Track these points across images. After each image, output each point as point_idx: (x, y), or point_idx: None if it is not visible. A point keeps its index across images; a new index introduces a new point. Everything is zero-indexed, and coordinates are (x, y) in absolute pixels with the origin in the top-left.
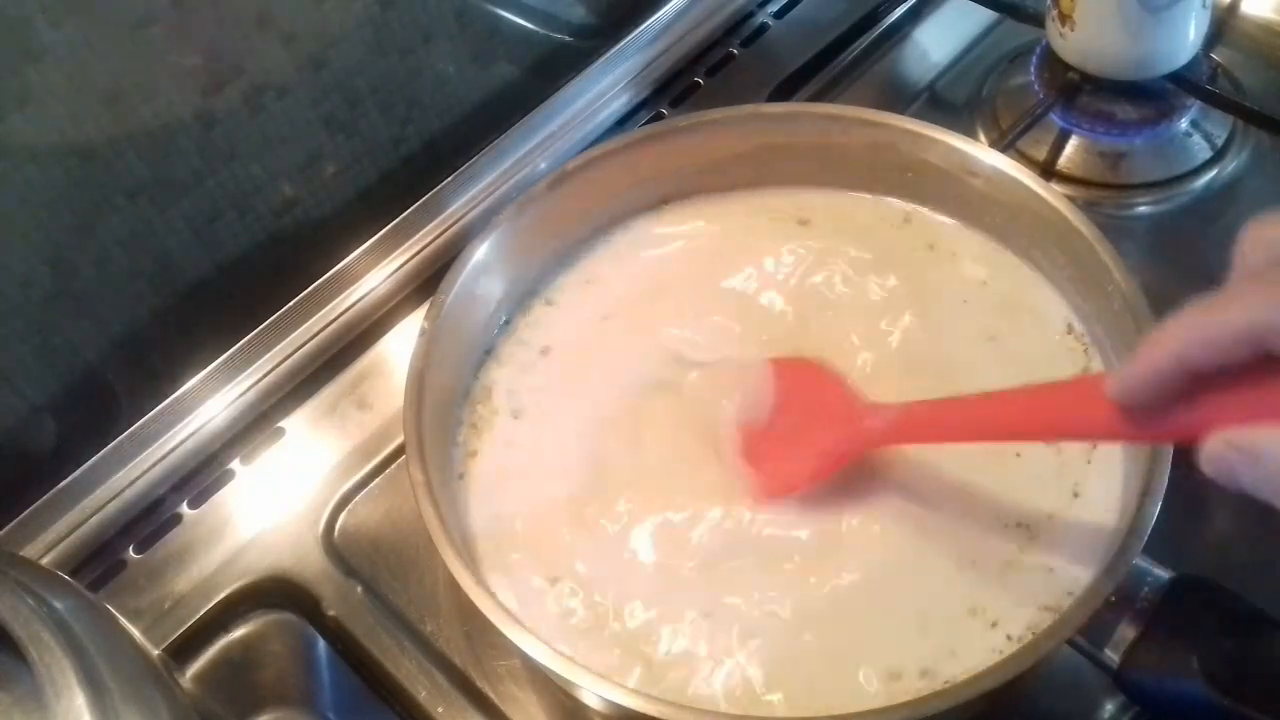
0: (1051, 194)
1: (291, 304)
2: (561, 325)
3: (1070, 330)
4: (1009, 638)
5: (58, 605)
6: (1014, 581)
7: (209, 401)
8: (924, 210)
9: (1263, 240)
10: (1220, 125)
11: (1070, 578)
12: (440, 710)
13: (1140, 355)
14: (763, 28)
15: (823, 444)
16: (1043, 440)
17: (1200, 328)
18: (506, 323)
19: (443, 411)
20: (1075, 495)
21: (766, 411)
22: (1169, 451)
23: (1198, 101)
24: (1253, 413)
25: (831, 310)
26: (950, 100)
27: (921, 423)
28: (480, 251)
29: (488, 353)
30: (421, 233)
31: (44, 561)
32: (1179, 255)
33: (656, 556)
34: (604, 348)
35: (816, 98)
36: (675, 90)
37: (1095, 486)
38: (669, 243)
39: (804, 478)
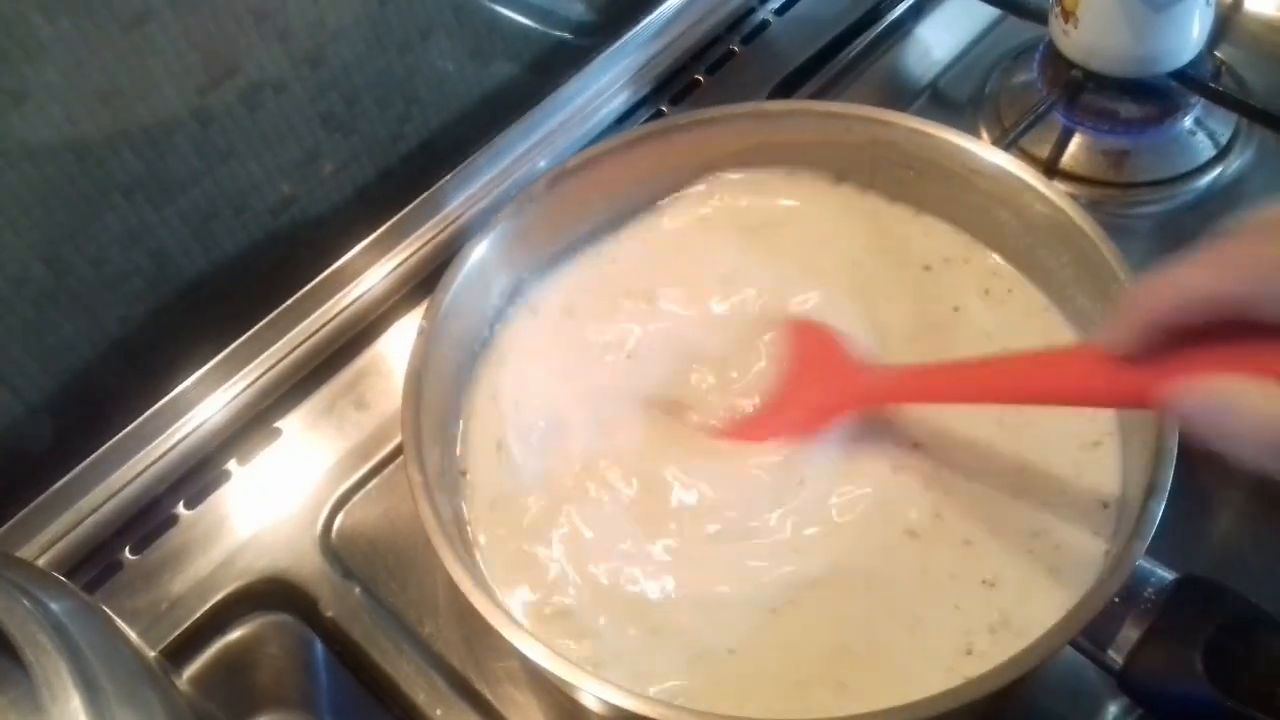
0: (1054, 192)
1: (289, 303)
2: (562, 324)
3: (1072, 330)
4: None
5: (54, 606)
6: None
7: (206, 401)
8: (925, 209)
9: (1253, 217)
10: (1224, 123)
11: (1074, 578)
12: (439, 712)
13: (1122, 312)
14: (763, 24)
15: (818, 399)
16: (1034, 403)
17: (1180, 285)
18: (505, 322)
19: (441, 411)
20: (1076, 494)
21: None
22: (1173, 451)
23: (1201, 99)
24: (1224, 366)
25: (831, 307)
26: (953, 98)
27: (916, 383)
28: (479, 250)
29: (487, 352)
30: (420, 231)
31: (40, 562)
32: (1182, 254)
33: (661, 554)
34: (604, 346)
35: (818, 95)
36: (675, 88)
37: (1097, 486)
38: (670, 239)
39: (797, 428)
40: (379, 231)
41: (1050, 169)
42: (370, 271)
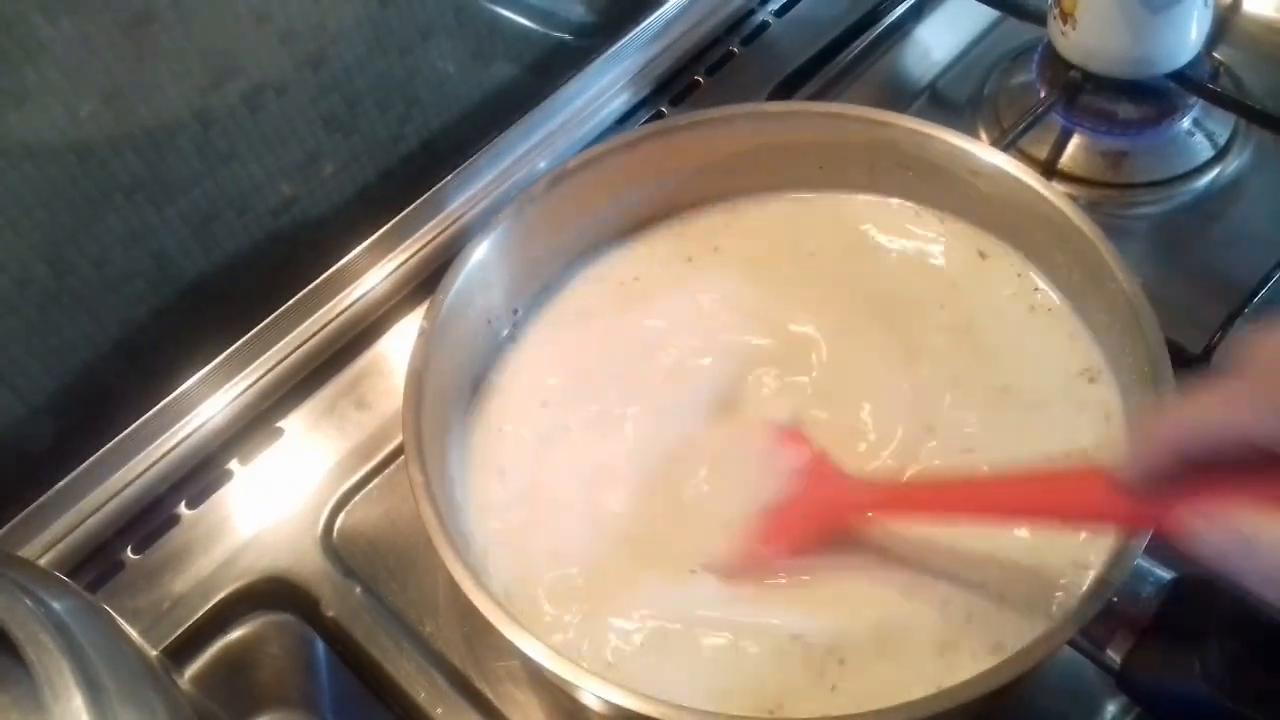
0: (1053, 193)
1: (290, 303)
2: (562, 324)
3: (1071, 330)
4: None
5: (56, 606)
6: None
7: (207, 401)
8: (926, 209)
9: (1269, 343)
10: (1222, 124)
11: (1072, 580)
12: (439, 711)
13: (1142, 438)
14: (763, 26)
15: (808, 518)
16: (1039, 524)
17: (1198, 418)
18: (506, 322)
19: (442, 411)
20: None
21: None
22: None
23: (1200, 100)
24: (1245, 500)
25: (831, 305)
26: (952, 99)
27: (906, 499)
28: (480, 251)
29: (487, 352)
30: (420, 232)
31: (42, 562)
32: (1181, 255)
33: (656, 555)
34: (604, 346)
35: (817, 96)
36: (675, 89)
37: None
38: (671, 240)
39: (788, 551)
40: (380, 232)
41: (1049, 170)
42: (371, 272)
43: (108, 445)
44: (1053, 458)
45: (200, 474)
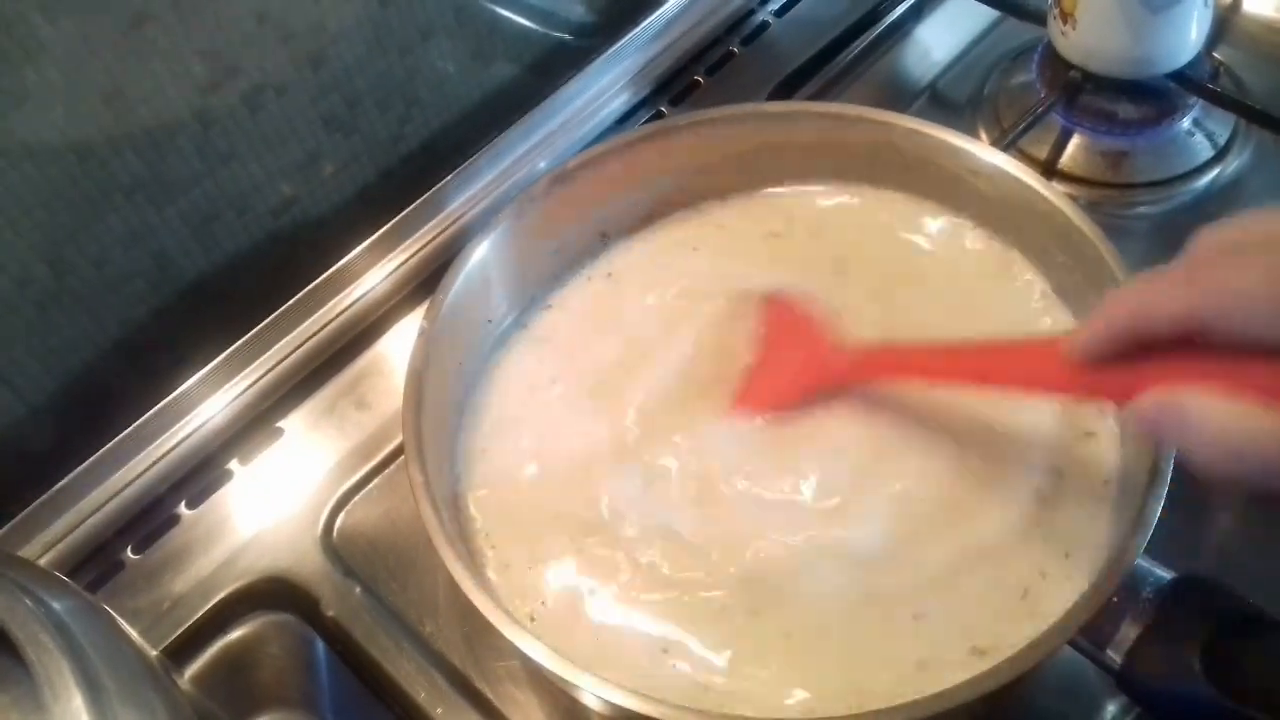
0: (1053, 193)
1: (290, 303)
2: (562, 324)
3: (1071, 330)
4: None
5: (56, 606)
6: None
7: (207, 401)
8: (925, 209)
9: (1212, 237)
10: (1222, 124)
11: (1072, 579)
12: (439, 711)
13: (1091, 320)
14: (763, 26)
15: (797, 373)
16: (1001, 389)
17: (1142, 305)
18: (506, 322)
19: (442, 411)
20: (1075, 493)
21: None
22: (1171, 454)
23: (1200, 100)
24: (1181, 377)
25: (832, 306)
26: (952, 99)
27: (889, 362)
28: (480, 251)
29: (487, 351)
30: (420, 232)
31: (42, 562)
32: (1152, 268)
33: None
34: (604, 347)
35: (817, 96)
36: (675, 89)
37: (1094, 482)
38: (670, 240)
39: (779, 402)
40: (380, 232)
41: (1049, 170)
42: (371, 272)
43: (108, 445)
44: (1048, 458)
45: (200, 474)
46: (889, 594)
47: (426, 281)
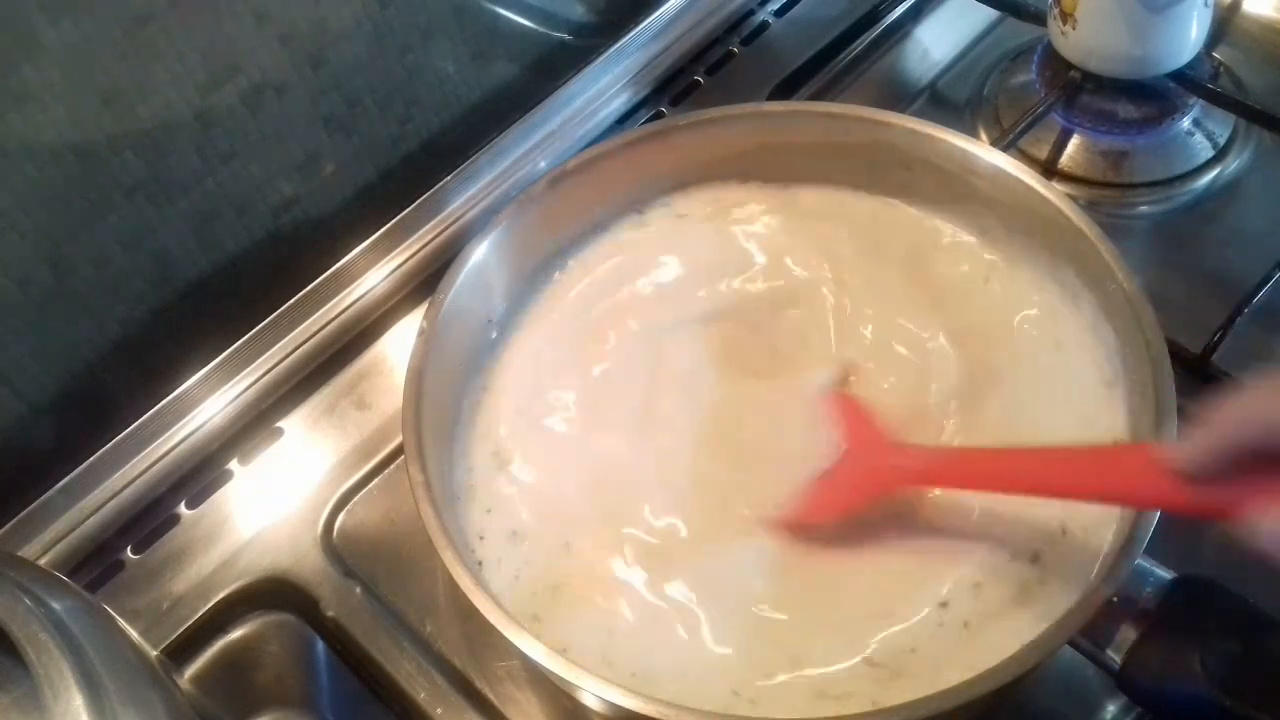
0: (1053, 193)
1: (290, 303)
2: (562, 324)
3: (1070, 330)
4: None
5: (56, 606)
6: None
7: (207, 401)
8: (925, 209)
9: None
10: (1222, 124)
11: (1073, 578)
12: (439, 711)
13: (1201, 429)
14: (763, 26)
15: (855, 480)
16: (1078, 500)
17: (1259, 413)
18: (506, 321)
19: (442, 411)
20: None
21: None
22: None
23: (1199, 100)
24: None
25: (831, 305)
26: (951, 99)
27: (956, 468)
28: (480, 251)
29: (487, 352)
30: (421, 232)
31: (42, 562)
32: (1181, 254)
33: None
34: (604, 346)
35: (817, 96)
36: (675, 89)
37: None
38: (670, 240)
39: (835, 510)
40: (380, 232)
41: (1049, 170)
42: (371, 272)
43: (108, 445)
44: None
45: (200, 474)
46: None
47: (426, 281)
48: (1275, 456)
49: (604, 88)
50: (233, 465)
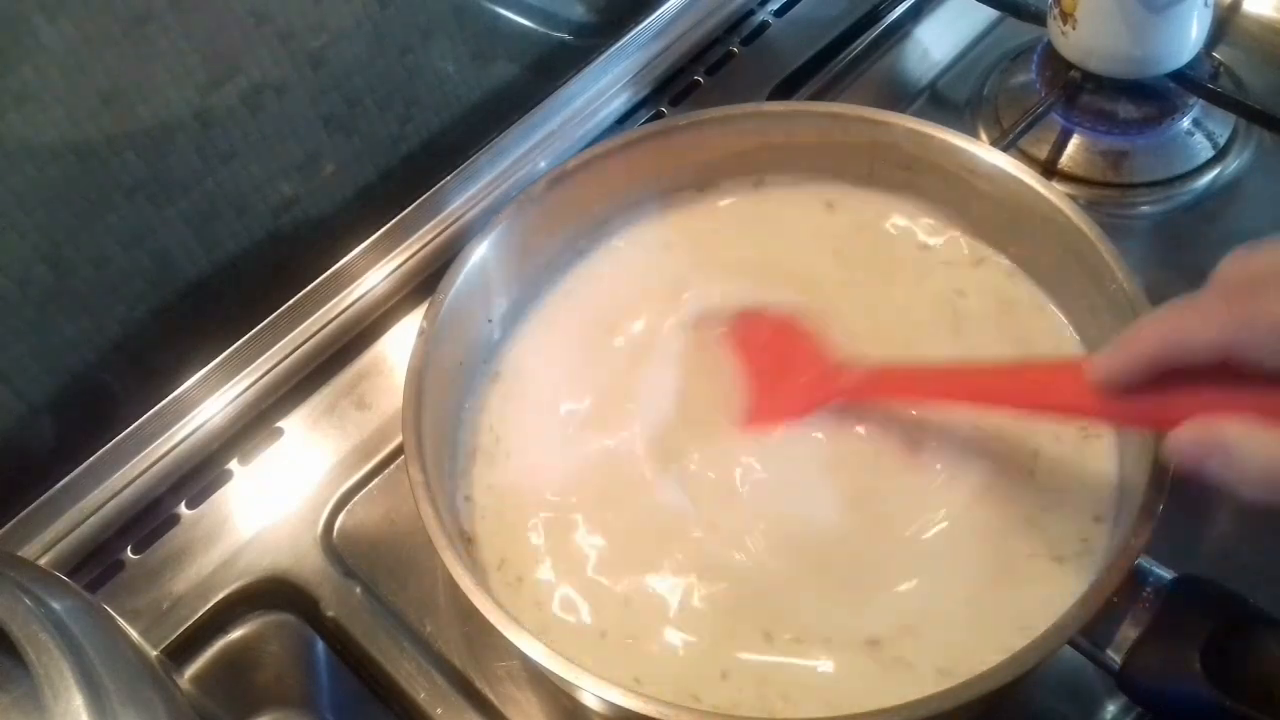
0: (1053, 193)
1: (290, 303)
2: (562, 322)
3: (1070, 329)
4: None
5: (55, 606)
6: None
7: (207, 401)
8: (925, 209)
9: (1244, 264)
10: (1222, 124)
11: (1073, 576)
12: (439, 711)
13: (1119, 346)
14: (763, 26)
15: (797, 391)
16: (1016, 411)
17: (1175, 332)
18: (506, 322)
19: (442, 411)
20: (1074, 489)
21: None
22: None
23: (1200, 100)
24: (1219, 407)
25: (831, 304)
26: (951, 99)
27: (900, 381)
28: (480, 251)
29: (487, 352)
30: (420, 232)
31: (42, 562)
32: (1181, 254)
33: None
34: (605, 346)
35: (817, 96)
36: (675, 89)
37: (1095, 481)
38: (670, 240)
39: (781, 417)
40: (380, 232)
41: (1049, 170)
42: (371, 272)
43: (108, 445)
44: (1048, 457)
45: (200, 474)
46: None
47: (426, 281)
48: (1191, 373)
49: (604, 88)
50: (233, 465)
